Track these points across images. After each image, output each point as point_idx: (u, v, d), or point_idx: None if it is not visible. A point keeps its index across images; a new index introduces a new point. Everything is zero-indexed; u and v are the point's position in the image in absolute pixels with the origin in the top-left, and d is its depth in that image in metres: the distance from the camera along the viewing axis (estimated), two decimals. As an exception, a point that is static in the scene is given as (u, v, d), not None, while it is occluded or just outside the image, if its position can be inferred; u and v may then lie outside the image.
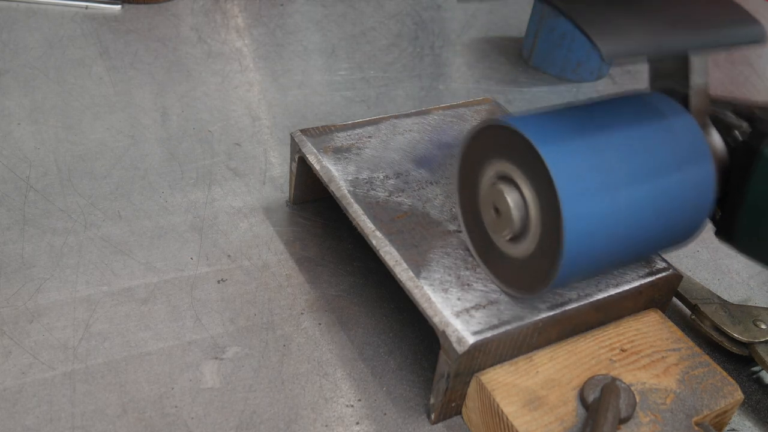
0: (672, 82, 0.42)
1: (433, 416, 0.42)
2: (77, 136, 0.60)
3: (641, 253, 0.41)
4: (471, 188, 0.42)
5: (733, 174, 0.41)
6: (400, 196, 0.48)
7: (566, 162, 0.36)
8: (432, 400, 0.42)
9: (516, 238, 0.40)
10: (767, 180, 0.40)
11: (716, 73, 0.82)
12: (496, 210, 0.40)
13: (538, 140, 0.36)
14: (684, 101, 0.42)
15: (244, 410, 0.41)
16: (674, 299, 0.50)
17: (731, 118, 0.42)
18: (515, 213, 0.38)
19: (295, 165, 0.53)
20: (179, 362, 0.43)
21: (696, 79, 0.41)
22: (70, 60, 0.68)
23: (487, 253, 0.43)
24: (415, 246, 0.44)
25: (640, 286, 0.45)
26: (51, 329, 0.44)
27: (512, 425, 0.38)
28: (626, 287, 0.44)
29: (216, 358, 0.44)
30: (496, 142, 0.39)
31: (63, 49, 0.70)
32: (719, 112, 0.42)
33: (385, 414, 0.42)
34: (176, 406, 0.41)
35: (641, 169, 0.38)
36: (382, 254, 0.44)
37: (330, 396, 0.43)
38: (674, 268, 0.46)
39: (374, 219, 0.46)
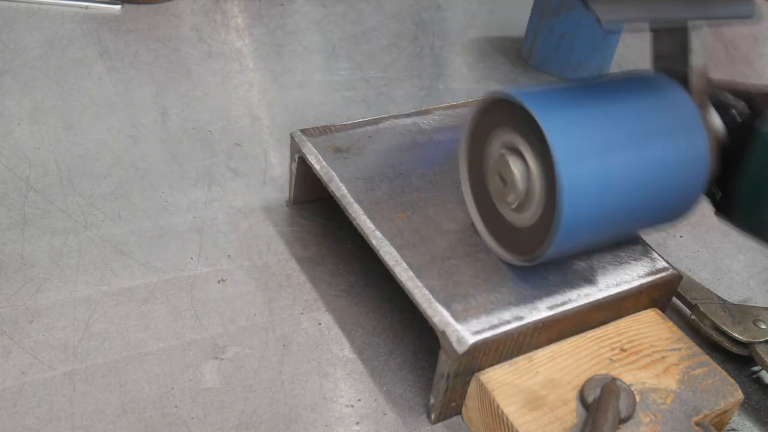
0: (672, 62, 0.43)
1: (433, 416, 0.42)
2: (77, 136, 0.60)
3: (637, 220, 0.42)
4: (478, 160, 0.44)
5: (732, 152, 0.42)
6: (400, 196, 0.48)
7: (563, 129, 0.38)
8: (432, 400, 0.42)
9: (521, 207, 0.41)
10: (764, 156, 0.41)
11: (716, 73, 0.82)
12: (502, 179, 0.41)
13: (537, 110, 0.38)
14: (684, 81, 0.43)
15: (244, 410, 0.41)
16: (674, 299, 0.50)
17: (729, 98, 0.43)
18: (520, 181, 0.40)
19: (295, 165, 0.53)
20: (179, 362, 0.43)
21: (695, 60, 0.42)
22: (70, 60, 0.68)
23: (491, 224, 0.44)
24: (415, 246, 0.44)
25: (640, 286, 0.45)
26: (51, 329, 0.44)
27: (512, 425, 0.38)
28: (626, 287, 0.44)
29: (216, 358, 0.44)
30: (502, 115, 0.41)
31: (63, 49, 0.70)
32: (718, 93, 0.44)
33: (385, 414, 0.42)
34: (176, 406, 0.41)
35: (635, 136, 0.40)
36: (382, 254, 0.44)
37: (330, 396, 0.43)
38: (674, 268, 0.46)
39: (374, 219, 0.46)
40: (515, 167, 0.40)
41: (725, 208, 0.45)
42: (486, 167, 0.43)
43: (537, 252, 0.40)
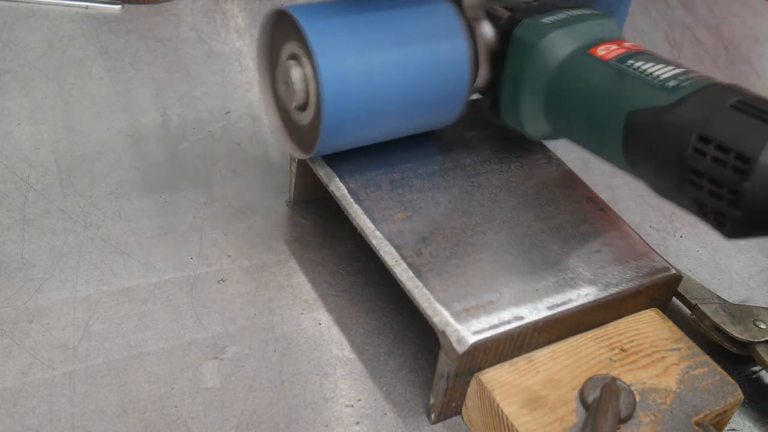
0: None
1: (433, 416, 0.42)
2: (77, 136, 0.60)
3: (404, 116, 0.48)
4: (271, 68, 0.50)
5: (499, 58, 0.49)
6: (400, 195, 0.48)
7: (325, 34, 0.44)
8: (432, 400, 0.42)
9: (302, 107, 0.47)
10: (518, 57, 0.47)
11: (716, 73, 0.82)
12: (286, 83, 0.46)
13: (305, 21, 0.44)
14: None
15: (244, 410, 0.41)
16: (674, 299, 0.50)
17: (500, 11, 0.49)
18: (298, 85, 0.45)
19: (295, 165, 0.53)
20: (179, 362, 0.43)
21: None
22: (70, 60, 0.68)
23: (288, 126, 0.51)
24: (415, 246, 0.44)
25: (640, 286, 0.45)
26: (51, 329, 0.44)
27: (512, 425, 0.38)
28: (626, 287, 0.44)
29: (216, 358, 0.44)
30: (288, 28, 0.46)
31: (63, 49, 0.70)
32: (491, 7, 0.50)
33: (385, 414, 0.42)
34: (176, 406, 0.41)
35: (394, 39, 0.46)
36: (382, 254, 0.44)
37: (330, 396, 0.43)
38: (674, 268, 0.46)
39: (374, 219, 0.46)
40: (294, 72, 0.45)
41: (494, 108, 0.51)
42: (277, 75, 0.49)
43: (314, 146, 0.46)
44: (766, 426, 0.45)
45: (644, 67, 0.42)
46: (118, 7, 0.77)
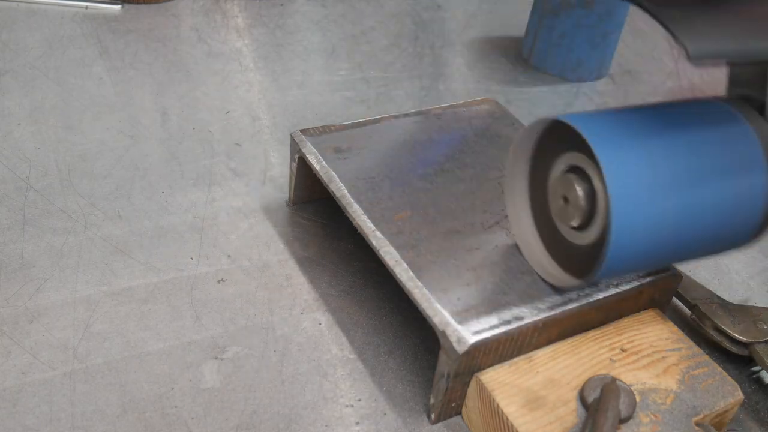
0: (750, 90, 0.42)
1: (433, 416, 0.42)
2: (77, 136, 0.60)
3: (688, 253, 0.42)
4: (540, 179, 0.44)
5: None
6: (400, 196, 0.48)
7: (621, 161, 0.38)
8: (432, 400, 0.42)
9: (581, 227, 0.41)
10: None
11: (716, 73, 0.82)
12: (565, 199, 0.41)
13: (595, 139, 0.38)
14: (761, 109, 0.42)
15: (244, 410, 0.41)
16: (674, 299, 0.50)
17: None
18: (583, 202, 0.40)
19: (295, 165, 0.53)
20: (179, 362, 0.43)
21: None
22: (70, 60, 0.68)
23: (549, 242, 0.44)
24: (416, 246, 0.44)
25: (640, 286, 0.45)
26: (51, 329, 0.44)
27: (512, 425, 0.38)
28: (626, 287, 0.44)
29: (216, 358, 0.44)
30: (567, 136, 0.40)
31: (63, 49, 0.70)
32: None
33: (385, 414, 0.42)
34: (176, 406, 0.41)
35: (691, 174, 0.39)
36: (382, 254, 0.44)
37: (330, 396, 0.43)
38: (674, 268, 0.46)
39: (374, 219, 0.46)
40: (579, 187, 0.40)
41: None
42: (546, 188, 0.43)
43: (589, 276, 0.40)
44: (766, 426, 0.45)
45: None
46: (118, 7, 0.77)
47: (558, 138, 0.42)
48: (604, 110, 0.41)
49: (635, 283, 0.44)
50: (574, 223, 0.41)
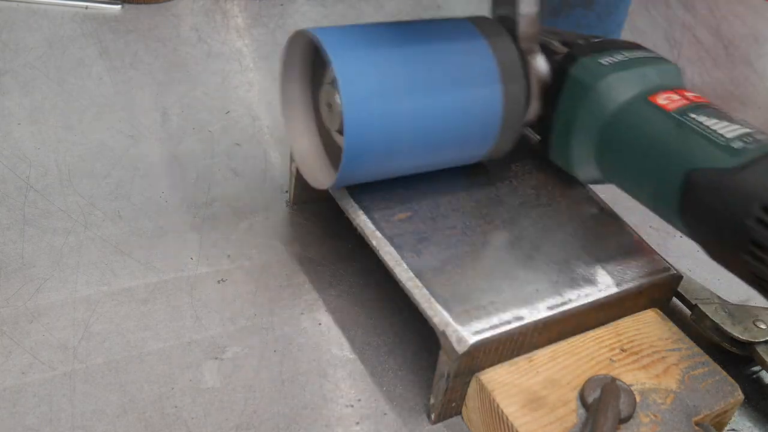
0: (506, 9, 0.47)
1: (433, 416, 0.42)
2: (77, 136, 0.60)
3: (428, 157, 0.46)
4: (314, 88, 0.48)
5: (552, 94, 0.47)
6: (400, 196, 0.48)
7: (356, 71, 0.42)
8: (432, 400, 0.42)
9: (342, 131, 0.44)
10: (572, 97, 0.45)
11: (716, 73, 0.82)
12: (329, 105, 0.45)
13: (333, 50, 0.42)
14: (514, 26, 0.47)
15: (244, 410, 0.41)
16: (674, 299, 0.50)
17: (556, 45, 0.47)
18: (340, 108, 0.43)
19: (295, 165, 0.53)
20: (179, 362, 0.43)
21: (524, 8, 0.46)
22: (70, 60, 0.68)
23: (329, 149, 0.49)
24: (415, 246, 0.44)
25: (640, 286, 0.45)
26: (51, 329, 0.44)
27: (512, 425, 0.38)
28: (626, 287, 0.44)
29: (216, 358, 0.44)
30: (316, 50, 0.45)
31: (63, 49, 0.70)
32: (546, 41, 0.47)
33: (385, 414, 0.42)
34: (176, 406, 0.41)
35: (425, 83, 0.44)
36: (382, 254, 0.44)
37: (330, 396, 0.43)
38: (674, 268, 0.46)
39: (374, 219, 0.46)
40: (338, 94, 0.43)
41: (543, 146, 0.49)
42: (320, 96, 0.47)
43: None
44: (766, 426, 0.45)
45: (708, 123, 0.40)
46: (118, 7, 0.77)
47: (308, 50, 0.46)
48: (356, 25, 0.45)
49: (635, 283, 0.44)
50: (335, 127, 0.45)
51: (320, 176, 0.48)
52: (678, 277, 0.47)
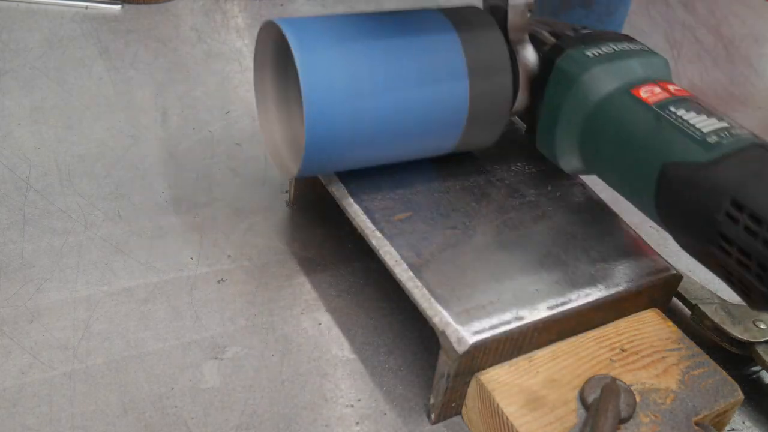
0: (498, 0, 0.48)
1: (433, 416, 0.42)
2: (77, 136, 0.60)
3: (391, 149, 0.46)
4: (286, 78, 0.48)
5: (539, 85, 0.47)
6: (400, 196, 0.48)
7: (319, 64, 0.42)
8: (432, 400, 0.42)
9: None
10: (558, 88, 0.46)
11: (716, 73, 0.82)
12: (298, 95, 0.45)
13: (298, 40, 0.42)
14: (505, 18, 0.47)
15: (244, 410, 0.41)
16: (674, 299, 0.50)
17: (545, 36, 0.48)
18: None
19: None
20: (179, 362, 0.43)
21: None
22: (70, 60, 0.68)
23: (299, 137, 0.49)
24: (416, 246, 0.44)
25: (640, 286, 0.45)
26: (51, 329, 0.44)
27: (512, 425, 0.38)
28: (626, 287, 0.44)
29: (216, 358, 0.44)
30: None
31: (63, 49, 0.70)
32: (536, 31, 0.48)
33: (385, 414, 0.42)
34: (176, 406, 0.41)
35: (388, 76, 0.43)
36: (382, 254, 0.44)
37: (330, 396, 0.43)
38: (674, 268, 0.46)
39: (374, 219, 0.46)
40: None
41: (531, 134, 0.49)
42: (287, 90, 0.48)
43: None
44: (766, 426, 0.45)
45: (687, 116, 0.40)
46: (118, 7, 0.77)
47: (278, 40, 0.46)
48: (328, 15, 0.45)
49: (635, 283, 0.44)
50: (302, 117, 0.44)
51: (290, 165, 0.48)
52: (678, 277, 0.47)
